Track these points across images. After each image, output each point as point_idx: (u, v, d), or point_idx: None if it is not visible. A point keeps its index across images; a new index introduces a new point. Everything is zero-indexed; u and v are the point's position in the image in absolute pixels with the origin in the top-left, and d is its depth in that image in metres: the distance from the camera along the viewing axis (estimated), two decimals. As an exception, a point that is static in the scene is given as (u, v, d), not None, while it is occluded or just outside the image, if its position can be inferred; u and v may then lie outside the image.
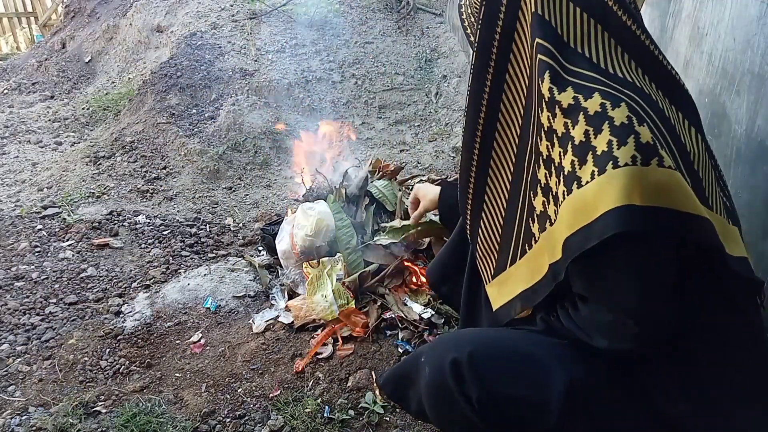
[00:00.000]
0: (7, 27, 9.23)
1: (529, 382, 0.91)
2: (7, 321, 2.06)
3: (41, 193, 3.12)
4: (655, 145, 0.79)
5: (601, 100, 0.82)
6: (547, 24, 0.89)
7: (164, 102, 3.84)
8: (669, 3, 1.64)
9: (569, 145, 0.84)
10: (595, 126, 0.81)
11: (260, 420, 1.62)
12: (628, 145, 0.78)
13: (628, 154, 0.78)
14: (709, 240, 0.81)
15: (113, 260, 2.49)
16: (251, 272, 2.38)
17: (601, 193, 0.79)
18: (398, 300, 2.01)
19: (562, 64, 0.87)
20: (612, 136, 0.79)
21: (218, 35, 4.49)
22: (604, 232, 0.78)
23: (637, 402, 0.92)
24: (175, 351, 1.93)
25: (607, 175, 0.78)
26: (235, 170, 3.42)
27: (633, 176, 0.77)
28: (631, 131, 0.79)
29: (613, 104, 0.81)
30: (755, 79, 1.22)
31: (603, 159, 0.79)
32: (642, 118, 0.81)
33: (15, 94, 5.20)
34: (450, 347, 0.95)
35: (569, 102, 0.84)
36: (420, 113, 4.01)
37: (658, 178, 0.77)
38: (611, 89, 0.83)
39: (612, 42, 0.89)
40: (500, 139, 1.04)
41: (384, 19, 4.94)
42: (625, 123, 0.80)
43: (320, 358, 1.82)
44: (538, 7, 0.90)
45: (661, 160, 0.78)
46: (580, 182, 0.82)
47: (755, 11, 1.22)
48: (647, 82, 0.90)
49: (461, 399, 0.91)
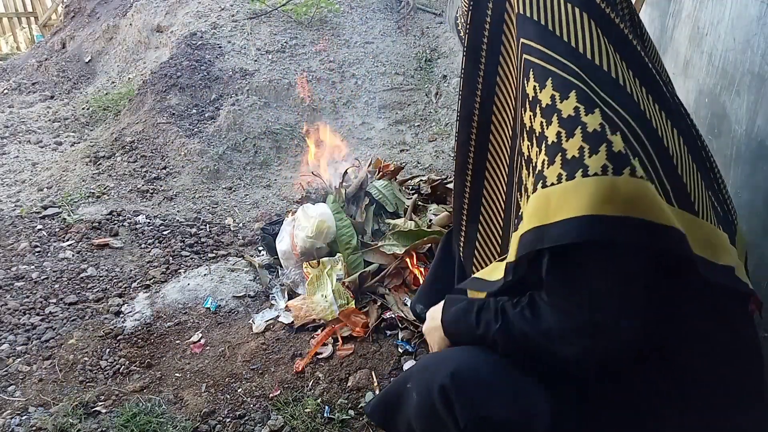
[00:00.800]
0: (7, 27, 9.23)
1: (515, 402, 0.91)
2: (7, 321, 2.06)
3: (41, 193, 3.12)
4: (627, 155, 0.77)
5: (576, 103, 0.81)
6: (530, 20, 0.88)
7: (164, 102, 3.84)
8: (669, 3, 1.64)
9: (543, 145, 0.83)
10: (568, 129, 0.80)
11: (260, 420, 1.62)
12: (600, 154, 0.77)
13: (598, 164, 0.76)
14: (679, 250, 0.79)
15: (113, 260, 2.49)
16: (251, 272, 2.38)
17: (566, 198, 0.78)
18: (398, 300, 2.01)
19: (545, 53, 0.86)
20: (584, 143, 0.78)
21: (218, 35, 4.49)
22: (561, 237, 0.77)
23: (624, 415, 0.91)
24: (175, 351, 1.93)
25: (575, 182, 0.77)
26: (235, 170, 3.42)
27: (603, 186, 0.76)
28: (604, 139, 0.78)
29: (587, 109, 0.80)
30: (755, 79, 1.22)
31: (573, 165, 0.78)
32: (616, 126, 0.79)
33: (15, 94, 5.20)
34: (436, 372, 0.95)
35: (547, 102, 0.83)
36: (420, 113, 4.01)
37: (629, 189, 0.76)
38: (589, 89, 0.82)
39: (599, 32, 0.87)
40: (494, 141, 1.04)
41: (384, 19, 4.94)
42: (598, 130, 0.78)
43: (320, 358, 1.82)
44: (521, 7, 0.90)
45: (633, 170, 0.77)
46: (545, 182, 0.81)
47: (755, 11, 1.22)
48: (633, 80, 0.88)
49: (450, 423, 0.92)
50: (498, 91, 0.99)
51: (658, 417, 0.89)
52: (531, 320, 0.87)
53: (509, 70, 0.97)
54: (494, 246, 1.11)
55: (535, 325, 0.86)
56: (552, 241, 0.78)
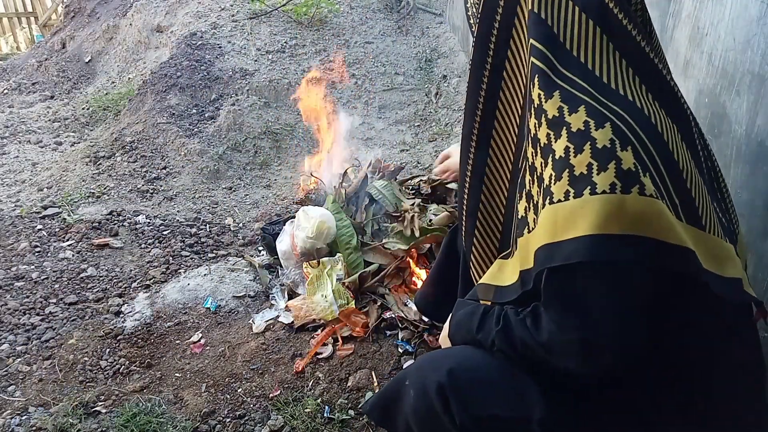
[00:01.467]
0: (7, 27, 9.23)
1: (512, 401, 0.91)
2: (7, 321, 2.06)
3: (41, 193, 3.12)
4: (637, 172, 0.76)
5: (585, 117, 0.80)
6: (543, 23, 0.86)
7: (164, 102, 3.84)
8: (669, 3, 1.64)
9: (550, 158, 0.82)
10: (576, 144, 0.79)
11: (260, 420, 1.62)
12: (608, 172, 0.76)
13: (607, 181, 0.76)
14: (687, 269, 0.79)
15: (113, 260, 2.49)
16: (251, 272, 2.38)
17: (574, 216, 0.77)
18: (398, 300, 2.01)
19: (554, 66, 0.84)
20: (593, 159, 0.77)
21: (218, 35, 4.49)
22: (571, 256, 0.77)
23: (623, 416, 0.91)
24: (175, 351, 1.93)
25: (583, 200, 0.77)
26: (235, 170, 3.42)
27: (610, 204, 0.75)
28: (613, 156, 0.77)
29: (597, 124, 0.79)
30: (755, 79, 1.22)
31: (581, 182, 0.77)
32: (626, 141, 0.78)
33: (15, 94, 5.20)
34: (433, 370, 0.96)
35: (554, 113, 0.82)
36: (420, 113, 4.01)
37: (638, 207, 0.75)
38: (599, 104, 0.81)
39: (611, 47, 0.85)
40: (498, 135, 1.02)
41: (384, 19, 4.94)
42: (608, 146, 0.77)
43: (320, 358, 1.82)
44: (535, 5, 0.87)
45: (643, 188, 0.76)
46: (552, 198, 0.80)
47: (755, 11, 1.22)
48: (644, 95, 0.86)
49: (447, 420, 0.93)
50: (504, 86, 0.97)
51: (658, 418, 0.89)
52: (532, 330, 0.87)
53: (519, 64, 0.95)
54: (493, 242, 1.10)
55: (535, 336, 0.86)
56: (561, 260, 0.78)
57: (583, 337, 0.80)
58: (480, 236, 1.10)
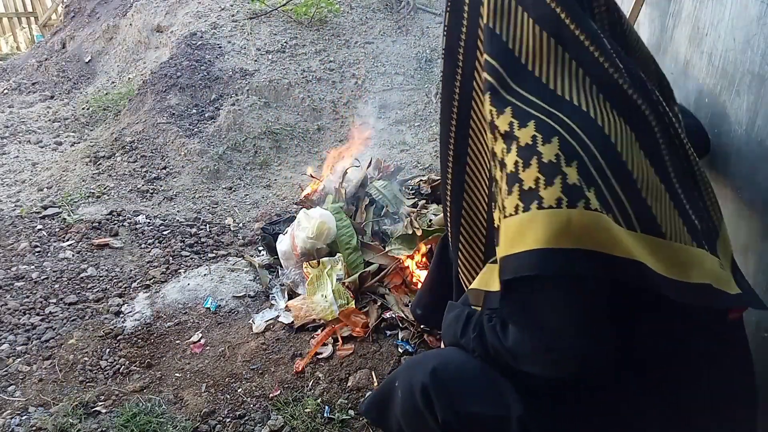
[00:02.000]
0: (7, 27, 9.23)
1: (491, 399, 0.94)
2: (7, 321, 2.06)
3: (41, 193, 3.12)
4: (581, 187, 0.77)
5: (534, 132, 0.80)
6: (497, 38, 0.87)
7: (164, 102, 3.84)
8: (669, 3, 1.64)
9: (504, 171, 0.83)
10: (525, 159, 0.80)
11: (260, 420, 1.62)
12: (555, 186, 0.77)
13: (553, 196, 0.77)
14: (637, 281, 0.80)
15: (113, 260, 2.49)
16: (251, 272, 2.38)
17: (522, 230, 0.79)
18: (398, 300, 2.01)
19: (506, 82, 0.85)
20: (540, 174, 0.78)
21: (218, 35, 4.49)
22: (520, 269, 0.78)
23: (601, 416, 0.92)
24: (175, 351, 1.93)
25: (531, 214, 0.78)
26: (235, 170, 3.42)
27: (557, 219, 0.76)
28: (558, 171, 0.78)
29: (545, 138, 0.79)
30: (755, 79, 1.22)
31: (529, 196, 0.79)
32: (573, 156, 0.79)
33: (15, 94, 5.20)
34: (419, 370, 0.99)
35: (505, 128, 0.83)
36: (420, 113, 4.01)
37: (584, 221, 0.76)
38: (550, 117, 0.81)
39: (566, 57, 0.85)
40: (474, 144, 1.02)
41: (384, 19, 4.94)
42: (553, 161, 0.78)
43: (320, 358, 1.82)
44: (490, 20, 0.87)
45: (588, 203, 0.77)
46: (505, 213, 0.82)
47: (755, 11, 1.22)
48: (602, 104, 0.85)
49: (431, 419, 0.96)
50: (475, 95, 0.97)
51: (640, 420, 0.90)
52: (501, 336, 0.89)
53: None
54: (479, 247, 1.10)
55: (503, 342, 0.88)
56: (510, 273, 0.80)
57: (544, 345, 0.82)
58: (465, 242, 1.10)
